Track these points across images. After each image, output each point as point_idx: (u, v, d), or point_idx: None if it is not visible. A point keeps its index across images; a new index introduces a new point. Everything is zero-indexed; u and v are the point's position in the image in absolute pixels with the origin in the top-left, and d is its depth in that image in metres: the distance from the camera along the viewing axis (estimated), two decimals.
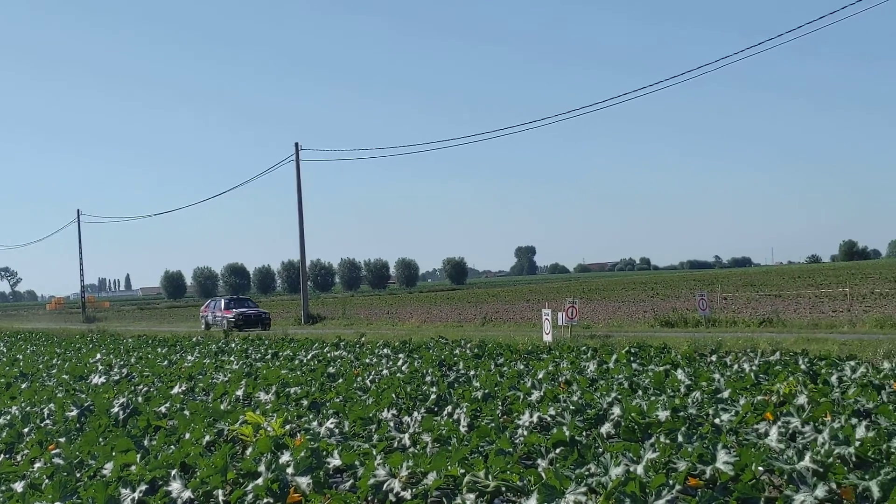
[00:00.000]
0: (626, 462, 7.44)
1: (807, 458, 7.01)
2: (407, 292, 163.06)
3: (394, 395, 12.75)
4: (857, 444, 7.79)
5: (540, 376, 14.31)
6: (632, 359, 16.98)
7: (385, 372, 16.65)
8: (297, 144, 54.55)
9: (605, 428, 9.68)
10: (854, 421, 8.75)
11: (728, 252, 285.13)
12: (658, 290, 78.92)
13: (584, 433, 9.44)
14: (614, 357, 16.98)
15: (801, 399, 10.14)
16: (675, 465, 7.43)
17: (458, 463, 7.89)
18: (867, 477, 6.53)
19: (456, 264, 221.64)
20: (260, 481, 7.73)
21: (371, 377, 15.81)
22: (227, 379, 16.49)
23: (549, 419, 10.30)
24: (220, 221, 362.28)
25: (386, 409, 11.86)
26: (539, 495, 6.73)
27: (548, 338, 24.95)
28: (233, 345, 28.34)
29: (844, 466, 7.26)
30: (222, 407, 12.77)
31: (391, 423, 10.63)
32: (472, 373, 15.91)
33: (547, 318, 25.82)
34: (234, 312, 48.02)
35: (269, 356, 22.80)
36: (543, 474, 7.35)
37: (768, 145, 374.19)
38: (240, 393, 14.18)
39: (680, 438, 8.25)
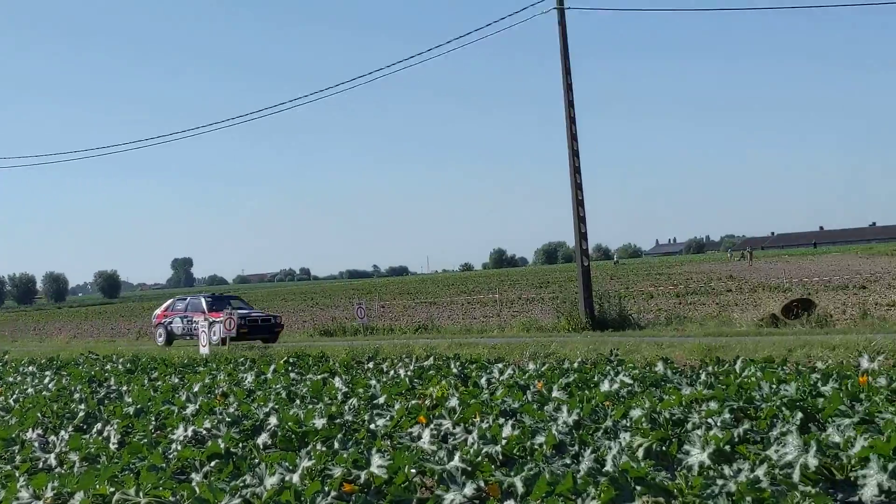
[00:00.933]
0: (282, 471, 7.39)
1: (457, 457, 7.22)
2: (56, 307, 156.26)
3: (39, 415, 12.09)
4: (504, 442, 8.11)
5: (196, 389, 14.05)
6: (290, 368, 16.98)
7: (30, 390, 15.80)
8: None
9: (262, 438, 9.58)
10: (501, 420, 9.12)
11: (386, 261, 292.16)
12: (318, 300, 79.66)
13: (240, 445, 9.30)
14: (272, 367, 16.92)
15: (453, 401, 10.45)
16: (330, 472, 7.45)
17: (108, 481, 7.58)
18: (512, 473, 6.80)
19: (108, 277, 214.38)
20: None
21: (15, 396, 14.94)
22: None
23: (204, 432, 10.08)
24: None
25: (31, 429, 11.21)
26: None
27: (205, 350, 24.56)
28: None
29: (492, 464, 7.53)
30: None
31: (36, 444, 10.06)
32: (125, 388, 15.40)
33: (203, 331, 25.42)
34: (234, 316, 31.23)
35: None
36: (197, 488, 7.17)
37: (419, 157, 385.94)
38: None
39: (336, 445, 8.31)
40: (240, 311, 32.46)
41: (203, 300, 33.66)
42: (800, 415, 8.49)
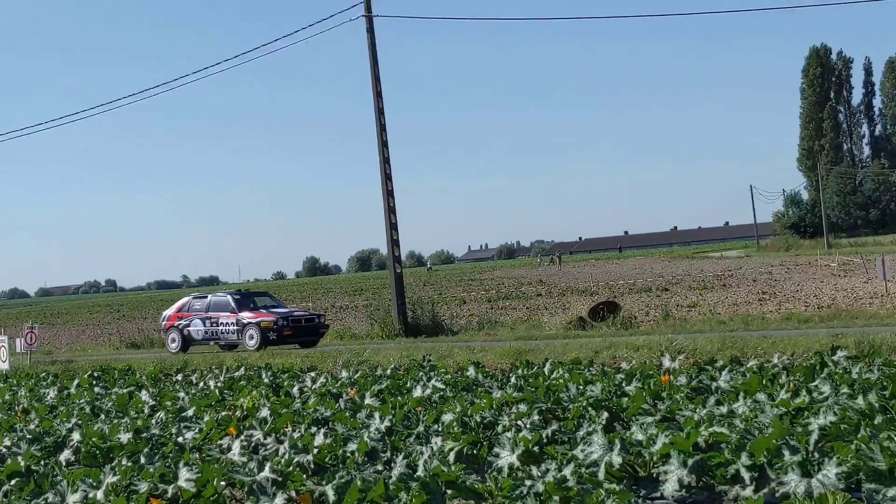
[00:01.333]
0: (86, 488, 7.15)
1: (267, 468, 7.12)
2: None
3: None
4: (316, 451, 8.06)
5: None
6: (95, 383, 16.49)
7: None
8: None
9: (65, 455, 9.25)
10: (314, 429, 9.06)
11: (196, 271, 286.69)
12: (125, 312, 77.35)
13: (42, 462, 8.96)
14: (76, 382, 16.40)
15: (265, 412, 10.33)
16: (136, 487, 7.24)
17: None
18: (324, 482, 6.77)
19: None
20: None
21: None
22: None
23: (4, 450, 9.68)
24: None
25: None
26: None
27: (4, 366, 23.74)
28: None
29: (304, 473, 7.47)
30: None
31: None
32: None
33: (3, 346, 24.52)
34: (273, 315, 26.49)
35: None
36: None
37: (229, 161, 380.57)
38: None
39: (143, 460, 8.09)
40: (278, 311, 27.68)
41: (230, 298, 28.16)
42: (605, 414, 8.76)
